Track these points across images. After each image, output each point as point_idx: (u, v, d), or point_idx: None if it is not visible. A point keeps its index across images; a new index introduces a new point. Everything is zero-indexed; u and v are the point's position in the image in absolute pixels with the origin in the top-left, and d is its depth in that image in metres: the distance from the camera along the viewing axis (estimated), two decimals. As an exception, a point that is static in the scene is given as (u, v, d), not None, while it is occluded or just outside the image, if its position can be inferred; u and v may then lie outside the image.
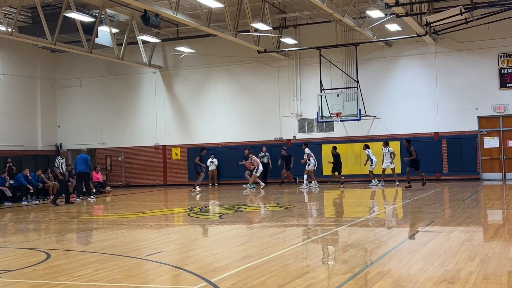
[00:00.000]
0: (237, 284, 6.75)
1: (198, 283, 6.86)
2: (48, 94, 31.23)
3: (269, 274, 7.25)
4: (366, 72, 26.48)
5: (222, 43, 27.26)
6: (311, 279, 6.83)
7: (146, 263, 8.34)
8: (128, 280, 7.11)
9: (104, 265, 8.22)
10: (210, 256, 8.79)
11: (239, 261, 8.29)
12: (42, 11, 22.26)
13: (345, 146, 27.22)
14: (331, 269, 7.64)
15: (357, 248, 9.02)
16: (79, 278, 7.34)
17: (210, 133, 29.22)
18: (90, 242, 11.00)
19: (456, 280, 6.52)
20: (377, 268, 7.43)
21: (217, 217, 14.63)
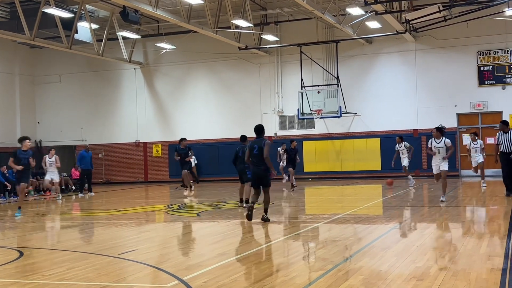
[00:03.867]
0: (209, 282, 6.75)
1: (170, 281, 6.84)
2: (27, 90, 30.93)
3: (242, 272, 7.26)
4: (347, 69, 26.57)
5: (203, 40, 27.18)
6: (283, 277, 6.84)
7: (120, 261, 8.30)
8: (100, 279, 7.07)
9: (77, 264, 8.16)
10: (184, 254, 8.78)
11: (213, 258, 8.28)
12: (20, 7, 22.01)
13: (326, 142, 27.33)
14: (303, 267, 7.66)
15: (332, 245, 9.05)
16: (51, 277, 7.28)
17: (191, 129, 29.11)
18: (65, 240, 10.92)
19: (425, 277, 6.57)
20: (349, 265, 7.47)
21: (195, 214, 14.60)
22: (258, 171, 11.64)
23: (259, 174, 11.65)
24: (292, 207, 15.70)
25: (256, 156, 11.52)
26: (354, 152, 26.82)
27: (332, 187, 22.94)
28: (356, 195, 19.62)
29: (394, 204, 15.24)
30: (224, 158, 28.09)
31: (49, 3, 21.87)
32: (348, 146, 27.00)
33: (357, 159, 26.72)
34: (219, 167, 28.17)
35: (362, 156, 26.65)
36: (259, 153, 11.43)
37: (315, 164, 27.32)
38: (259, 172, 11.63)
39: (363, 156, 26.67)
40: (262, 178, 11.66)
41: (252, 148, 11.60)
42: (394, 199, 16.57)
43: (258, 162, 11.56)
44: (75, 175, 26.11)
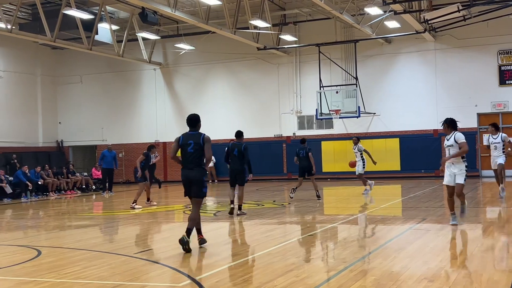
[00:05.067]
0: (221, 282, 6.82)
1: (182, 281, 6.93)
2: (49, 90, 31.33)
3: (254, 272, 7.32)
4: (366, 69, 26.47)
5: (222, 40, 27.28)
6: (294, 277, 6.88)
7: (134, 260, 8.41)
8: (114, 278, 7.18)
9: (92, 263, 8.29)
10: (198, 254, 8.85)
11: (226, 259, 8.36)
12: (41, 8, 22.35)
13: (344, 143, 27.22)
14: (315, 267, 7.69)
15: (345, 246, 9.06)
16: (66, 276, 7.41)
17: (209, 129, 28.95)
18: (83, 239, 11.08)
19: (436, 278, 6.56)
20: (362, 266, 7.48)
21: (212, 214, 14.69)
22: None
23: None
24: (309, 207, 15.71)
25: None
26: (373, 152, 26.33)
27: (350, 187, 22.87)
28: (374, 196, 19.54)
29: (411, 205, 15.18)
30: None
31: (70, 4, 22.16)
32: (367, 146, 26.62)
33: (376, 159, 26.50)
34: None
35: (381, 156, 26.41)
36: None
37: (334, 164, 27.26)
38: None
39: (382, 156, 26.45)
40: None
41: (299, 152, 15.35)
42: (411, 200, 16.50)
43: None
44: (96, 174, 26.43)
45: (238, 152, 13.26)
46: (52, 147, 30.97)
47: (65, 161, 29.17)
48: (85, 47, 24.77)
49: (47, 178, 23.37)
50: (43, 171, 23.48)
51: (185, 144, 8.92)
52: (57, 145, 31.50)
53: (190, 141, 8.91)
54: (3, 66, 28.41)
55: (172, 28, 29.36)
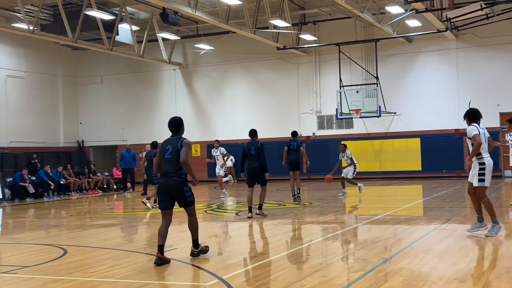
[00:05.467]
0: (249, 281, 6.79)
1: (210, 280, 6.91)
2: (70, 91, 31.57)
3: (281, 271, 7.28)
4: (386, 68, 26.30)
5: (241, 40, 27.27)
6: (322, 277, 6.83)
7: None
8: (141, 277, 7.19)
9: (119, 262, 8.31)
10: (223, 253, 8.84)
11: (252, 258, 8.33)
12: (63, 9, 22.51)
13: (365, 142, 27.11)
14: (343, 267, 7.63)
15: (372, 246, 8.99)
16: (93, 274, 7.44)
17: (229, 129, 29.27)
18: (107, 238, 11.13)
19: (467, 279, 6.47)
20: (390, 266, 7.41)
21: (234, 214, 14.68)
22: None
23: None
24: (331, 207, 15.63)
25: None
26: (393, 152, 26.54)
27: (371, 188, 22.71)
28: (396, 196, 19.43)
29: (434, 205, 15.03)
30: (262, 158, 28.18)
31: (91, 5, 22.30)
32: (388, 146, 26.73)
33: (397, 159, 26.43)
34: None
35: (402, 156, 26.35)
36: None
37: (354, 164, 27.07)
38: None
39: (403, 156, 26.37)
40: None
41: (289, 144, 13.77)
42: (434, 200, 16.34)
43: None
44: (116, 174, 26.60)
45: (256, 150, 12.63)
46: (73, 147, 31.20)
47: (85, 161, 29.39)
48: (106, 47, 24.91)
49: (69, 178, 23.55)
50: (65, 171, 23.67)
51: (163, 150, 8.13)
52: (78, 145, 31.73)
53: (168, 146, 8.12)
54: (25, 67, 28.67)
55: (192, 29, 29.43)
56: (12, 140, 27.22)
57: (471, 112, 9.30)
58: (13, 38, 26.65)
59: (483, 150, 9.07)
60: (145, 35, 27.00)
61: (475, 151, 8.98)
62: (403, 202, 17.08)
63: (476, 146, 8.94)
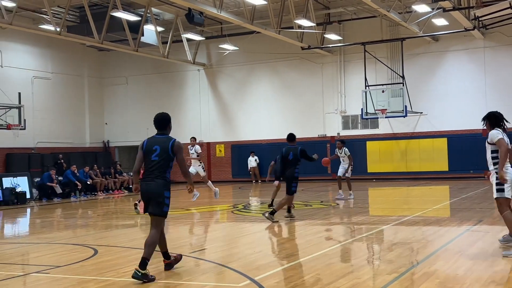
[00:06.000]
0: (281, 283, 6.74)
1: (241, 281, 6.87)
2: (96, 92, 31.84)
3: (313, 273, 7.21)
4: (412, 67, 26.05)
5: (266, 40, 27.23)
6: (356, 279, 6.75)
7: (190, 260, 8.40)
8: (173, 277, 7.19)
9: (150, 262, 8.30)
10: (253, 254, 8.80)
11: (282, 259, 8.28)
12: (89, 11, 22.70)
13: (390, 142, 26.89)
14: (376, 269, 7.54)
15: (403, 248, 8.88)
16: (125, 274, 7.45)
17: (253, 130, 29.26)
18: (136, 238, 11.16)
19: (505, 281, 6.35)
20: (423, 268, 7.30)
21: (260, 214, 14.64)
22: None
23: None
24: (359, 208, 15.51)
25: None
26: (420, 152, 26.28)
27: (397, 188, 22.55)
28: (423, 197, 19.21)
29: (464, 206, 14.82)
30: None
31: (117, 7, 22.46)
32: (414, 146, 26.47)
33: (423, 160, 26.16)
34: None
35: (428, 157, 26.07)
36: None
37: (379, 164, 26.92)
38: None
39: (429, 156, 26.09)
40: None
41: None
42: (463, 201, 16.12)
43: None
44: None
45: (294, 156, 12.12)
46: (98, 148, 31.46)
47: (111, 161, 29.61)
48: (131, 48, 25.07)
49: (95, 178, 23.74)
50: (91, 171, 23.87)
51: (149, 151, 7.18)
52: (103, 145, 31.99)
53: (155, 146, 7.18)
54: (52, 68, 28.99)
55: (216, 29, 29.48)
56: (39, 140, 27.54)
57: (492, 115, 8.09)
58: (40, 39, 26.97)
59: None
60: (170, 36, 27.10)
61: (504, 159, 7.70)
62: (431, 203, 16.86)
63: (504, 152, 7.67)
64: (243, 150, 29.48)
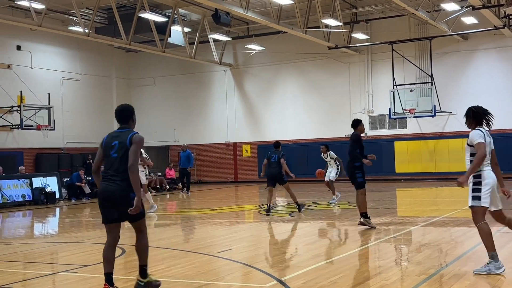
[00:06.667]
0: (308, 283, 6.69)
1: (268, 281, 6.85)
2: (123, 93, 32.14)
3: (340, 274, 7.14)
4: (441, 66, 25.71)
5: (292, 40, 27.15)
6: (384, 280, 6.67)
7: (217, 260, 8.41)
8: (200, 277, 7.19)
9: (177, 261, 8.35)
10: (280, 255, 8.77)
11: (309, 260, 8.22)
12: (117, 12, 22.91)
13: (419, 142, 26.59)
14: (404, 270, 7.44)
15: (432, 249, 8.75)
16: (153, 274, 7.44)
17: (279, 130, 29.19)
18: (163, 238, 11.21)
19: (538, 285, 6.20)
20: (453, 270, 7.17)
21: (287, 214, 14.59)
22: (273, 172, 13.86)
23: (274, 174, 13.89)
24: (386, 209, 15.36)
25: (274, 162, 13.88)
26: (449, 152, 25.90)
27: (426, 189, 22.28)
28: (453, 197, 18.93)
29: (494, 207, 14.54)
30: (313, 159, 27.93)
31: (144, 8, 22.62)
32: (443, 146, 26.12)
33: (452, 160, 25.76)
34: (308, 167, 28.00)
35: (457, 157, 25.61)
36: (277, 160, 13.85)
37: (407, 164, 26.63)
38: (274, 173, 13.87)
39: (458, 157, 25.60)
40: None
41: (270, 157, 14.03)
42: (494, 202, 15.82)
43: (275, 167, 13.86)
44: (169, 174, 26.94)
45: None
46: (126, 148, 31.68)
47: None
48: (158, 49, 25.23)
49: (123, 178, 23.91)
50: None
51: (108, 147, 6.29)
52: (130, 145, 32.22)
53: (115, 142, 6.28)
54: (81, 69, 29.34)
55: (243, 29, 29.50)
56: (68, 141, 27.89)
57: (471, 111, 7.27)
58: (69, 41, 27.32)
59: (486, 161, 6.92)
60: (196, 37, 27.21)
61: (477, 165, 6.81)
62: (461, 204, 16.57)
63: (480, 158, 6.78)
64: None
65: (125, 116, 6.53)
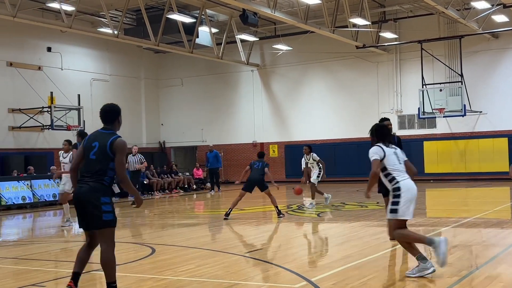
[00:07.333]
0: (338, 284, 6.65)
1: (298, 282, 6.83)
2: (152, 93, 32.40)
3: (371, 275, 7.09)
4: (471, 65, 25.34)
5: (320, 40, 27.04)
6: (414, 281, 6.61)
7: (247, 260, 8.42)
8: (230, 277, 7.20)
9: (206, 261, 8.38)
10: (309, 255, 8.74)
11: (339, 260, 8.18)
12: (146, 13, 23.10)
13: (449, 142, 26.26)
14: (436, 272, 7.34)
15: (463, 250, 8.64)
16: (182, 273, 7.53)
17: (306, 130, 29.11)
18: (192, 237, 11.27)
19: None
20: (486, 271, 7.07)
21: (315, 215, 14.54)
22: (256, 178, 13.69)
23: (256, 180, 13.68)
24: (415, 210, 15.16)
25: (257, 169, 13.81)
26: (479, 152, 25.52)
27: (456, 189, 22.00)
28: (483, 198, 18.66)
29: (527, 208, 14.32)
30: (341, 159, 27.87)
31: (173, 9, 22.77)
32: (473, 146, 25.74)
33: (483, 160, 25.39)
34: (336, 167, 27.90)
35: (488, 157, 25.29)
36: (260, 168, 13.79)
37: (437, 165, 26.31)
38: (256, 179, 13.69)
39: (489, 157, 25.30)
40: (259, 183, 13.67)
41: (253, 165, 13.98)
42: (526, 203, 15.57)
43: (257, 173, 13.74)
44: (197, 174, 27.08)
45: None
46: (155, 148, 31.99)
47: (167, 161, 30.05)
48: (186, 50, 25.37)
49: (152, 178, 24.14)
50: (148, 171, 24.28)
51: (88, 147, 6.01)
52: (159, 145, 32.51)
53: (95, 142, 5.99)
54: (110, 70, 29.66)
55: (270, 29, 29.48)
56: (97, 141, 28.22)
57: (374, 129, 7.39)
58: (98, 42, 27.65)
59: (396, 172, 6.96)
60: (224, 37, 27.29)
61: (370, 184, 7.05)
62: (492, 204, 16.36)
63: (372, 175, 6.92)
64: (297, 150, 29.27)
65: (111, 117, 6.21)
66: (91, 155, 5.94)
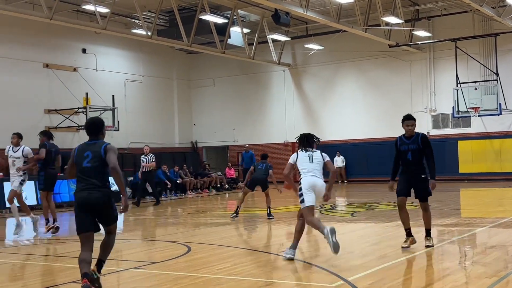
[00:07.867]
0: (375, 284, 6.65)
1: (334, 281, 6.84)
2: (184, 93, 32.65)
3: (408, 275, 7.08)
4: (507, 63, 24.92)
5: (352, 39, 26.89)
6: (453, 282, 6.56)
7: (281, 259, 8.45)
8: (266, 275, 7.26)
9: (241, 260, 8.45)
10: (344, 255, 8.72)
11: (375, 260, 8.16)
12: (178, 15, 23.31)
13: (483, 142, 25.87)
14: (473, 272, 7.28)
15: (501, 251, 8.53)
16: (219, 272, 7.60)
17: (338, 129, 29.00)
18: (226, 236, 11.36)
19: None
20: (525, 273, 6.98)
21: (349, 215, 14.50)
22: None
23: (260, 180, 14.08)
24: (451, 209, 15.03)
25: (261, 169, 14.09)
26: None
27: (491, 189, 21.66)
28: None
29: None
30: (373, 158, 27.67)
31: (205, 10, 22.93)
32: (509, 146, 25.30)
33: (519, 160, 24.95)
34: (368, 167, 27.76)
35: None
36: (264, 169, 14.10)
37: (471, 164, 25.94)
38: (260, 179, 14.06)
39: (525, 157, 24.87)
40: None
41: (257, 165, 14.35)
42: None
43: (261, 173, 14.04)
44: (229, 174, 27.22)
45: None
46: (187, 148, 32.23)
47: (199, 161, 30.27)
48: (218, 51, 25.52)
49: (185, 178, 24.36)
50: (181, 170, 24.51)
51: (80, 157, 6.57)
52: (191, 145, 32.75)
53: (86, 152, 6.58)
54: (143, 71, 30.00)
55: (301, 29, 29.45)
56: (131, 141, 28.56)
57: (300, 137, 9.00)
58: (132, 43, 27.99)
59: (303, 171, 8.45)
60: (255, 37, 27.36)
61: (288, 184, 8.86)
62: (529, 205, 16.10)
63: (283, 176, 8.63)
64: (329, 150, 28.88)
65: (95, 129, 6.77)
66: (84, 164, 6.54)
